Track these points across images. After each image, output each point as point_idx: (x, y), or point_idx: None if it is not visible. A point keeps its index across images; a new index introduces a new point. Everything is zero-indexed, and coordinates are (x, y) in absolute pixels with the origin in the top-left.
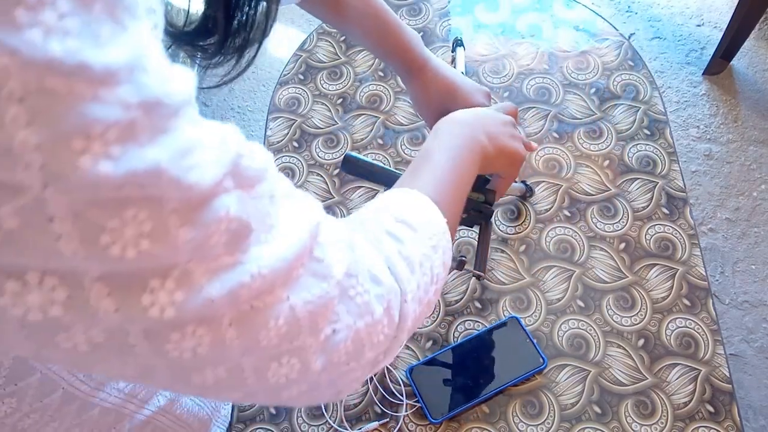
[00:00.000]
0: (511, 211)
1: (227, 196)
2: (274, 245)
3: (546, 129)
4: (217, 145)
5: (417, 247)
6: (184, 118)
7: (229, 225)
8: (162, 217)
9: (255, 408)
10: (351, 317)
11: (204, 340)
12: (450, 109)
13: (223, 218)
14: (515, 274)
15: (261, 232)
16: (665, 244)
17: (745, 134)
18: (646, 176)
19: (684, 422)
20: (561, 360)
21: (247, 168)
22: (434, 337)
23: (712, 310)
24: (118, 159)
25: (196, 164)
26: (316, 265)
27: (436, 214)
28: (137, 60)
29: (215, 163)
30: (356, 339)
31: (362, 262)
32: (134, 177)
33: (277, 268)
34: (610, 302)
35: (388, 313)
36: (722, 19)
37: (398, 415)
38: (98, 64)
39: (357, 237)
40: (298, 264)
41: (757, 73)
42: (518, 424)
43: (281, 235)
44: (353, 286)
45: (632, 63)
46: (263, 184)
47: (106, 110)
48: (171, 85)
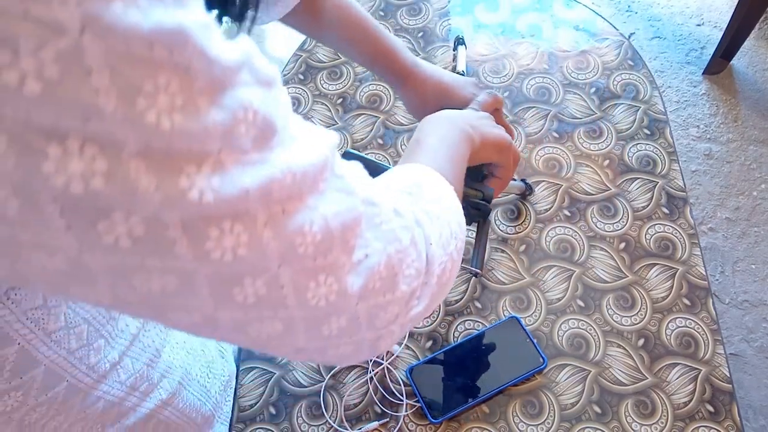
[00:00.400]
0: (511, 210)
1: (249, 89)
2: (298, 151)
3: (546, 129)
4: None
5: (432, 203)
6: (199, 2)
7: (255, 118)
8: (192, 93)
9: (255, 408)
10: (380, 243)
11: (242, 239)
12: (446, 107)
13: (249, 108)
14: (515, 273)
15: (285, 136)
16: (665, 244)
17: (745, 134)
18: (646, 176)
19: (684, 422)
20: (561, 360)
21: (259, 68)
22: (434, 337)
23: (712, 310)
24: (145, 10)
25: (217, 40)
26: (339, 181)
27: (440, 178)
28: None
29: (232, 47)
30: (388, 264)
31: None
32: (161, 34)
33: (306, 171)
34: (610, 302)
35: (415, 246)
36: (722, 19)
37: (398, 415)
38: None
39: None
40: (322, 176)
41: (757, 72)
42: (518, 424)
43: (303, 144)
44: (377, 214)
45: (632, 63)
46: (277, 91)
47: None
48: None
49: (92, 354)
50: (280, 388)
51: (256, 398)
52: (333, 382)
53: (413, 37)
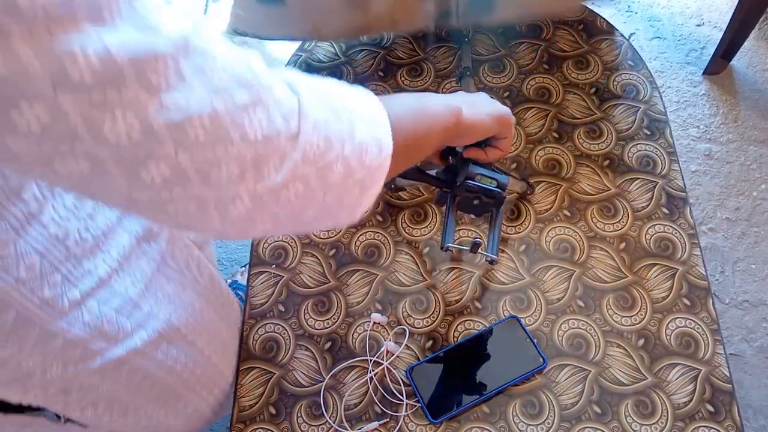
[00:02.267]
0: (511, 211)
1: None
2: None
3: (546, 129)
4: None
5: (336, 98)
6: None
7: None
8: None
9: (255, 408)
10: (204, 90)
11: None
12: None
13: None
14: (515, 273)
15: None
16: (665, 244)
17: (745, 134)
18: (646, 176)
19: (684, 422)
20: (561, 360)
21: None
22: (434, 337)
23: (712, 310)
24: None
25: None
26: (136, 15)
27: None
28: None
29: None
30: (213, 116)
31: (222, 50)
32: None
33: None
34: (610, 302)
35: (264, 109)
36: (722, 19)
37: (398, 415)
38: None
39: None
40: (109, 6)
41: (757, 72)
42: (518, 423)
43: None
44: (206, 61)
45: (632, 63)
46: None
47: None
48: None
49: (46, 288)
50: (280, 388)
51: (256, 398)
52: (333, 382)
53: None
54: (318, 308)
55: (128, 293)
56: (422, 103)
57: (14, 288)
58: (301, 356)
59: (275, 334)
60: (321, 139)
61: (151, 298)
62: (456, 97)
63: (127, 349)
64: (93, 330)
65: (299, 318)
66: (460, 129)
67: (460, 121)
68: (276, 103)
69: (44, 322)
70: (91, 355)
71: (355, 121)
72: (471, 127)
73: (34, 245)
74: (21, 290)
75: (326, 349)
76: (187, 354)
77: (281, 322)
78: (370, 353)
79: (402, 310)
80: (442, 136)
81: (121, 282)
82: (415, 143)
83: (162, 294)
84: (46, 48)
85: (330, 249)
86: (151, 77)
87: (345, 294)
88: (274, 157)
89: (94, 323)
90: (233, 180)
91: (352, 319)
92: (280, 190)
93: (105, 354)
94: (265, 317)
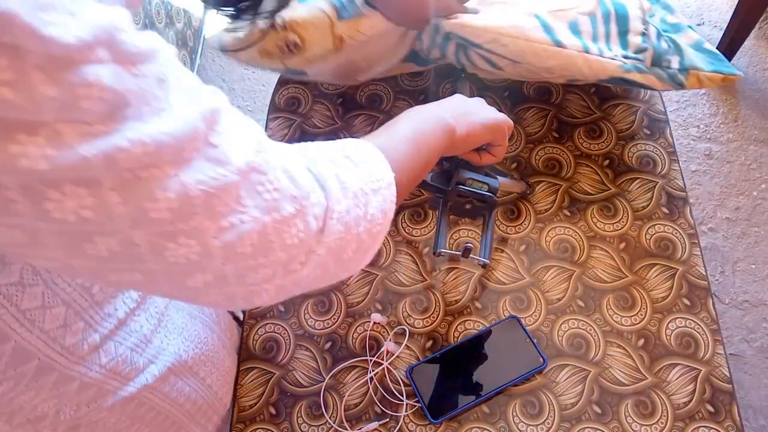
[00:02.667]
0: (511, 210)
1: (101, 67)
2: (159, 123)
3: (546, 128)
4: (89, 15)
5: (354, 179)
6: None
7: (103, 94)
8: (24, 69)
9: (255, 408)
10: (258, 211)
11: (86, 201)
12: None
13: (95, 85)
14: (515, 273)
15: (144, 110)
16: (665, 244)
17: (745, 133)
18: (646, 176)
19: (684, 422)
20: (561, 360)
21: (125, 43)
22: (434, 337)
23: (712, 310)
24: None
25: (57, 21)
26: (211, 151)
27: (384, 163)
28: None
29: (82, 25)
30: (262, 233)
31: (275, 162)
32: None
33: (162, 141)
34: (610, 302)
35: (303, 217)
36: (722, 19)
37: (398, 415)
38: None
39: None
40: (190, 145)
41: (758, 72)
42: (518, 424)
43: (169, 116)
44: (261, 182)
45: None
46: (149, 66)
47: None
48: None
49: (69, 336)
50: (280, 388)
51: (256, 398)
52: (333, 382)
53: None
54: (318, 308)
55: (142, 330)
56: (419, 132)
57: (39, 338)
58: (301, 356)
59: (275, 334)
60: (342, 228)
61: (162, 332)
62: (450, 107)
63: (138, 386)
64: (109, 371)
65: (299, 318)
66: (454, 144)
67: (455, 138)
68: (311, 207)
69: (63, 368)
70: (104, 394)
71: (369, 197)
72: (464, 140)
73: (62, 296)
74: (44, 340)
75: (326, 349)
76: (191, 385)
77: (281, 322)
78: (370, 353)
79: (402, 310)
80: (437, 157)
81: (137, 320)
82: (414, 178)
83: (172, 326)
84: (131, 195)
85: None
86: (217, 206)
87: (345, 294)
88: (302, 255)
89: (110, 365)
90: (265, 280)
91: (352, 319)
92: (302, 280)
93: (117, 392)
94: (265, 317)
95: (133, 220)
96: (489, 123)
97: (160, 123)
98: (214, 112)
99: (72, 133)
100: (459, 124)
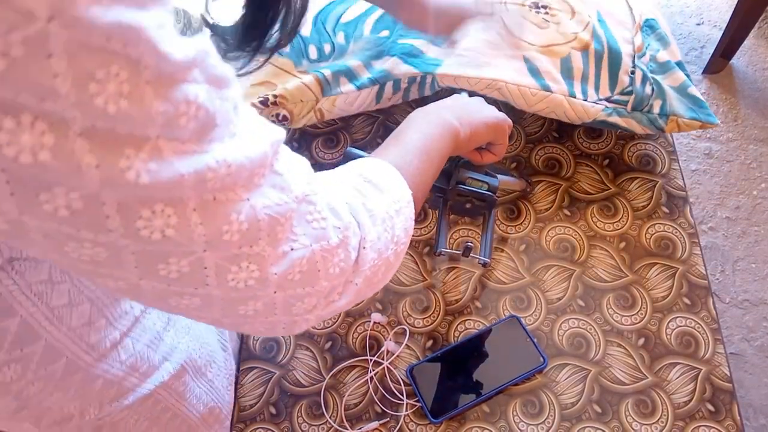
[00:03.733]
0: (511, 210)
1: (197, 86)
2: (237, 146)
3: (546, 128)
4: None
5: (380, 205)
6: (163, 6)
7: (198, 112)
8: (139, 83)
9: (255, 408)
10: (308, 239)
11: (171, 221)
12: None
13: (192, 102)
14: (515, 273)
15: (225, 132)
16: (665, 243)
17: (745, 133)
18: (646, 175)
19: (684, 421)
20: (561, 359)
21: (213, 66)
22: (434, 337)
23: (713, 309)
24: (107, 7)
25: (171, 38)
26: (276, 178)
27: (401, 182)
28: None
29: (186, 44)
30: (311, 260)
31: (321, 194)
32: (118, 29)
33: (241, 164)
34: (610, 301)
35: (345, 247)
36: (722, 18)
37: (398, 415)
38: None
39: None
40: (259, 171)
41: (757, 71)
42: (518, 423)
43: (243, 140)
44: (310, 212)
45: None
46: (228, 90)
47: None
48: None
49: (93, 333)
50: (281, 388)
51: (257, 398)
52: (333, 381)
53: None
54: None
55: (155, 327)
56: (428, 139)
57: (67, 336)
58: (301, 356)
59: None
60: (375, 255)
61: (171, 330)
62: (453, 107)
63: (155, 383)
64: (128, 368)
65: None
66: (459, 145)
67: (459, 139)
68: (351, 238)
69: (88, 366)
70: (125, 392)
71: (393, 220)
72: (468, 140)
73: (86, 293)
74: (72, 338)
75: (326, 348)
76: (202, 387)
77: None
78: (370, 353)
79: (402, 310)
80: (445, 160)
81: (149, 317)
82: (427, 188)
83: (180, 325)
84: (210, 215)
85: None
86: (279, 232)
87: None
88: (341, 285)
89: (129, 361)
90: (308, 310)
91: (352, 318)
92: (338, 309)
93: (137, 390)
94: None
95: (207, 241)
96: (491, 122)
97: (239, 146)
98: (279, 141)
99: (169, 150)
100: (462, 125)
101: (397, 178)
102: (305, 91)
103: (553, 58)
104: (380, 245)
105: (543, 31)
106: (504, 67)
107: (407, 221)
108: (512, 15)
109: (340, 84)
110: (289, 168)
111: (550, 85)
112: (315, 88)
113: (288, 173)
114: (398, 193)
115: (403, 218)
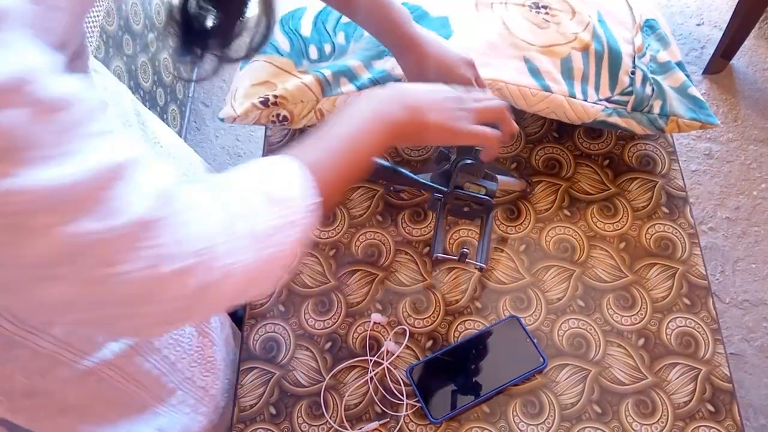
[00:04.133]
0: (511, 210)
1: (11, 110)
2: (60, 170)
3: (546, 129)
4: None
5: (262, 221)
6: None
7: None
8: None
9: (255, 408)
10: (129, 265)
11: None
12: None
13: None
14: (515, 273)
15: (46, 156)
16: (665, 244)
17: (745, 133)
18: (646, 175)
19: (684, 421)
20: (561, 359)
21: (40, 91)
22: (434, 337)
23: (713, 309)
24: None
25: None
26: (111, 203)
27: (305, 190)
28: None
29: (5, 68)
30: (142, 285)
31: (175, 217)
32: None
33: (57, 190)
34: (610, 301)
35: (182, 275)
36: (722, 18)
37: (398, 415)
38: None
39: (195, 194)
40: (87, 196)
41: (757, 72)
42: (518, 423)
43: (74, 165)
44: (147, 238)
45: None
46: (65, 114)
47: None
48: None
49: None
50: (281, 388)
51: (256, 398)
52: (333, 382)
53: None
54: (318, 308)
55: None
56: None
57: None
58: (301, 356)
59: (275, 334)
60: (237, 277)
61: None
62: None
63: (96, 361)
64: (61, 342)
65: (299, 318)
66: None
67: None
68: (207, 261)
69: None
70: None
71: (278, 237)
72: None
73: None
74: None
75: (326, 349)
76: (158, 366)
77: (281, 322)
78: (370, 353)
79: (402, 310)
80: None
81: None
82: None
83: None
84: (13, 239)
85: (330, 249)
86: (106, 255)
87: (345, 294)
88: (185, 309)
89: (61, 335)
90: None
91: (352, 319)
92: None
93: (73, 365)
94: (265, 317)
95: (11, 262)
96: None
97: (60, 171)
98: (121, 164)
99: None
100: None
101: (301, 186)
102: (306, 91)
103: (554, 59)
104: (247, 264)
105: (543, 31)
106: (504, 67)
107: (303, 232)
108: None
109: (341, 84)
110: (128, 191)
111: (550, 86)
112: (315, 89)
113: (124, 197)
114: (294, 204)
115: (297, 230)
